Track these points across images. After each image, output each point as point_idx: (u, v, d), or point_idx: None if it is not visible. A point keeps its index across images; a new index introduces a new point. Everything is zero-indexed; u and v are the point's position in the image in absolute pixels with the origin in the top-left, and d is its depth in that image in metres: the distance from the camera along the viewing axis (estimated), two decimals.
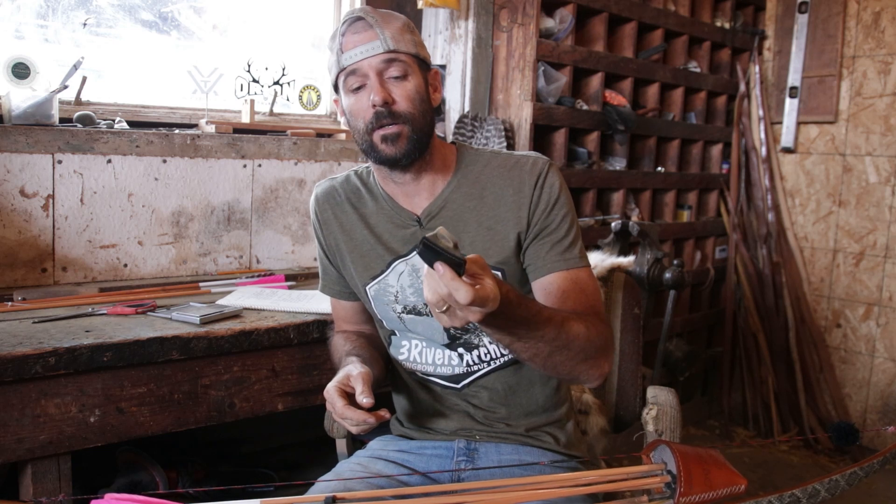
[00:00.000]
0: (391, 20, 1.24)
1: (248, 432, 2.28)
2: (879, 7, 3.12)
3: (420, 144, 1.25)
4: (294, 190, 2.29)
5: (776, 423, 3.33)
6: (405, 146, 1.23)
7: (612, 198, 2.99)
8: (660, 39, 3.06)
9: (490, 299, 0.93)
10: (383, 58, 1.21)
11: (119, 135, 1.96)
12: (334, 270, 1.43)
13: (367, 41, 1.21)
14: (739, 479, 0.98)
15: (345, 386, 1.17)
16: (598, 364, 1.20)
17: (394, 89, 1.23)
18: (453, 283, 0.90)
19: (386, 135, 1.22)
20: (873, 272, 3.21)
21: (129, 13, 2.19)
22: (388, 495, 1.11)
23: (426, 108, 1.26)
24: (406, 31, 1.25)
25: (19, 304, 1.67)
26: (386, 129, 1.22)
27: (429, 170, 1.30)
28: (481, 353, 1.33)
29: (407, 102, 1.23)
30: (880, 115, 3.14)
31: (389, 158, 1.24)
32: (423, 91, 1.26)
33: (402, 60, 1.22)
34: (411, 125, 1.23)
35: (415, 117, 1.23)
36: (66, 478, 1.42)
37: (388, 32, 1.22)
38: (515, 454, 1.33)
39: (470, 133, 2.58)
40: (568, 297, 1.25)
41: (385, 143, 1.23)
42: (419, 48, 1.27)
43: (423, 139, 1.25)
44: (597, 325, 1.19)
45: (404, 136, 1.23)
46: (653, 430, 1.34)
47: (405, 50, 1.23)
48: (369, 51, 1.21)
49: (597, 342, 1.17)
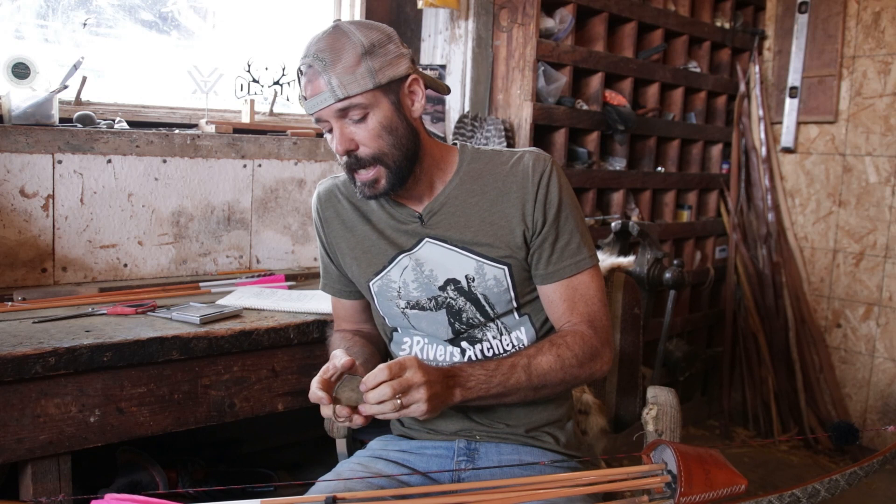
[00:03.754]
0: (341, 57, 1.16)
1: (248, 432, 2.28)
2: (879, 7, 3.13)
3: (401, 175, 1.25)
4: (294, 190, 2.29)
5: (776, 423, 3.33)
6: (384, 186, 1.25)
7: (612, 198, 2.99)
8: (660, 39, 3.06)
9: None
10: (335, 108, 1.19)
11: (119, 135, 1.96)
12: (335, 269, 1.43)
13: (317, 92, 1.18)
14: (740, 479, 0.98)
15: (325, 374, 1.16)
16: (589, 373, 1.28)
17: (356, 132, 1.21)
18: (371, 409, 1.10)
19: (363, 181, 1.24)
20: (873, 272, 3.21)
21: (129, 13, 2.19)
22: (388, 495, 1.11)
23: (398, 135, 1.22)
24: (360, 63, 1.16)
25: (19, 304, 1.67)
26: (361, 176, 1.24)
27: (426, 173, 1.30)
28: (484, 348, 1.34)
29: (372, 142, 1.21)
30: (880, 115, 3.14)
31: (370, 197, 1.27)
32: (392, 120, 1.21)
33: (357, 103, 1.18)
34: (384, 163, 1.23)
35: (385, 153, 1.22)
36: (66, 478, 1.42)
37: (335, 79, 1.16)
38: (515, 454, 1.33)
39: (470, 133, 2.58)
40: (567, 307, 1.30)
41: (364, 187, 1.25)
42: (379, 74, 1.18)
43: (402, 170, 1.24)
44: (573, 345, 1.25)
45: (381, 177, 1.24)
46: (653, 430, 1.34)
47: (358, 90, 1.16)
48: (321, 102, 1.18)
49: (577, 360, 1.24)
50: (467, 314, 1.31)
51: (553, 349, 1.24)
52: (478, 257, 1.29)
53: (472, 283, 1.29)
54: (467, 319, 1.32)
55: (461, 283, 1.30)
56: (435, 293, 1.31)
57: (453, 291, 1.30)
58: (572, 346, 1.24)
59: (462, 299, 1.30)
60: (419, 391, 1.09)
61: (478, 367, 1.20)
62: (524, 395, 1.24)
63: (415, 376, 1.09)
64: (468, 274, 1.29)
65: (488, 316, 1.32)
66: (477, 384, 1.18)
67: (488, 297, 1.30)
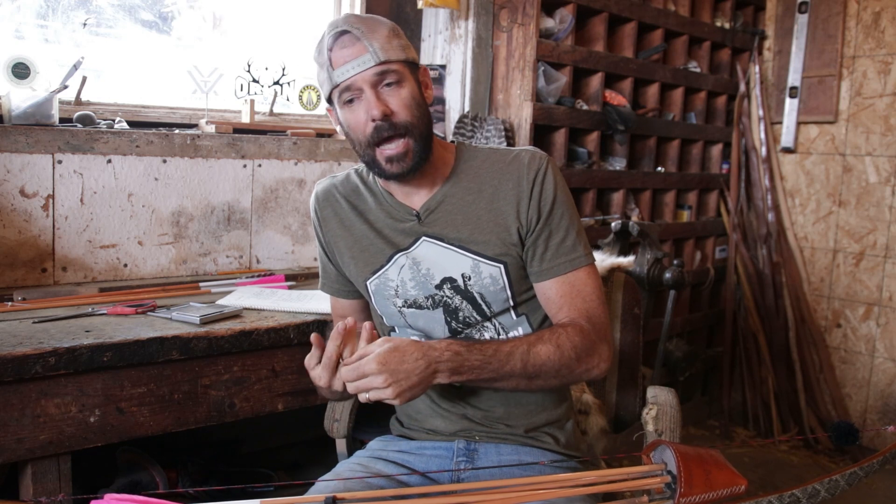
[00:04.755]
0: (377, 28, 1.21)
1: (248, 432, 2.28)
2: (879, 7, 3.12)
3: (425, 154, 1.25)
4: (294, 190, 2.29)
5: (776, 423, 3.33)
6: (411, 162, 1.23)
7: (612, 198, 2.99)
8: (660, 39, 3.06)
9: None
10: (376, 70, 1.20)
11: (119, 135, 1.96)
12: (334, 269, 1.43)
13: (356, 55, 1.19)
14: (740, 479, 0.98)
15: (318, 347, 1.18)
16: (586, 369, 1.26)
17: (390, 99, 1.22)
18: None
19: (391, 155, 1.22)
20: (873, 272, 3.21)
21: (129, 13, 2.19)
22: (387, 495, 1.11)
23: (423, 111, 1.26)
24: (393, 37, 1.22)
25: (19, 304, 1.67)
26: (390, 149, 1.22)
27: (428, 169, 1.30)
28: None
29: (405, 111, 1.22)
30: (880, 115, 3.14)
31: (395, 175, 1.25)
32: (419, 95, 1.25)
33: (395, 70, 1.21)
34: (413, 135, 1.23)
35: (415, 125, 1.23)
36: (66, 478, 1.42)
37: (376, 43, 1.19)
38: (515, 454, 1.33)
39: (470, 133, 2.58)
40: (564, 303, 1.29)
41: (390, 163, 1.23)
42: (407, 51, 1.24)
43: (426, 147, 1.25)
44: (573, 335, 1.23)
45: (410, 151, 1.23)
46: (653, 430, 1.34)
47: (396, 58, 1.21)
48: (361, 65, 1.19)
49: (574, 351, 1.23)
50: (464, 313, 1.31)
51: (553, 338, 1.22)
52: (474, 255, 1.29)
53: (468, 281, 1.29)
54: (464, 318, 1.32)
55: (458, 282, 1.30)
56: (432, 292, 1.31)
57: (450, 290, 1.30)
58: (572, 337, 1.23)
59: (458, 298, 1.30)
60: (377, 379, 1.10)
61: (476, 351, 1.18)
62: (516, 382, 1.23)
63: (368, 366, 1.10)
64: (464, 272, 1.29)
65: (485, 315, 1.32)
66: (469, 368, 1.18)
67: (484, 295, 1.30)
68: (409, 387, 1.12)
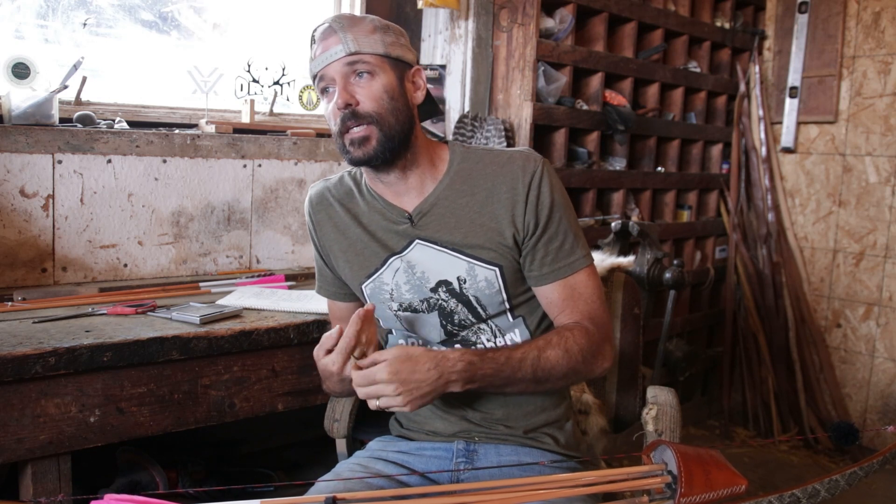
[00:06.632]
0: (359, 23, 1.24)
1: (248, 432, 2.28)
2: (879, 7, 3.12)
3: (391, 144, 1.24)
4: (294, 190, 2.29)
5: (776, 423, 3.33)
6: (373, 148, 1.23)
7: (612, 198, 2.99)
8: (660, 39, 3.06)
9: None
10: (345, 60, 1.22)
11: (119, 135, 1.96)
12: (329, 272, 1.43)
13: (330, 47, 1.23)
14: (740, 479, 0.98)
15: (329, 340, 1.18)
16: (590, 370, 1.28)
17: (358, 90, 1.23)
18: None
19: (353, 138, 1.23)
20: (873, 272, 3.21)
21: (129, 13, 2.19)
22: (387, 496, 1.11)
23: (397, 105, 1.24)
24: (375, 32, 1.24)
25: (19, 304, 1.67)
26: (353, 133, 1.23)
27: (415, 168, 1.29)
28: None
29: (372, 102, 1.22)
30: (880, 115, 3.14)
31: (358, 160, 1.25)
32: (395, 89, 1.25)
33: (366, 61, 1.22)
34: (378, 125, 1.22)
35: (382, 116, 1.23)
36: (66, 478, 1.42)
37: (350, 35, 1.22)
38: (515, 455, 1.33)
39: (470, 133, 2.58)
40: (566, 306, 1.30)
41: (353, 146, 1.24)
42: (391, 48, 1.25)
43: (394, 139, 1.24)
44: (580, 338, 1.25)
45: (372, 137, 1.23)
46: (653, 430, 1.34)
47: (370, 50, 1.22)
48: (332, 56, 1.22)
49: (582, 354, 1.25)
50: (459, 316, 1.31)
51: (562, 343, 1.24)
52: (469, 259, 1.28)
53: (463, 284, 1.29)
54: (459, 321, 1.31)
55: (453, 285, 1.29)
56: (427, 295, 1.31)
57: (445, 293, 1.30)
58: (579, 339, 1.25)
59: (454, 301, 1.30)
60: (388, 387, 1.12)
61: (489, 360, 1.20)
62: (525, 387, 1.24)
63: (379, 374, 1.12)
64: (459, 275, 1.29)
65: (480, 317, 1.31)
66: (482, 377, 1.20)
67: (480, 298, 1.29)
68: (420, 396, 1.14)
